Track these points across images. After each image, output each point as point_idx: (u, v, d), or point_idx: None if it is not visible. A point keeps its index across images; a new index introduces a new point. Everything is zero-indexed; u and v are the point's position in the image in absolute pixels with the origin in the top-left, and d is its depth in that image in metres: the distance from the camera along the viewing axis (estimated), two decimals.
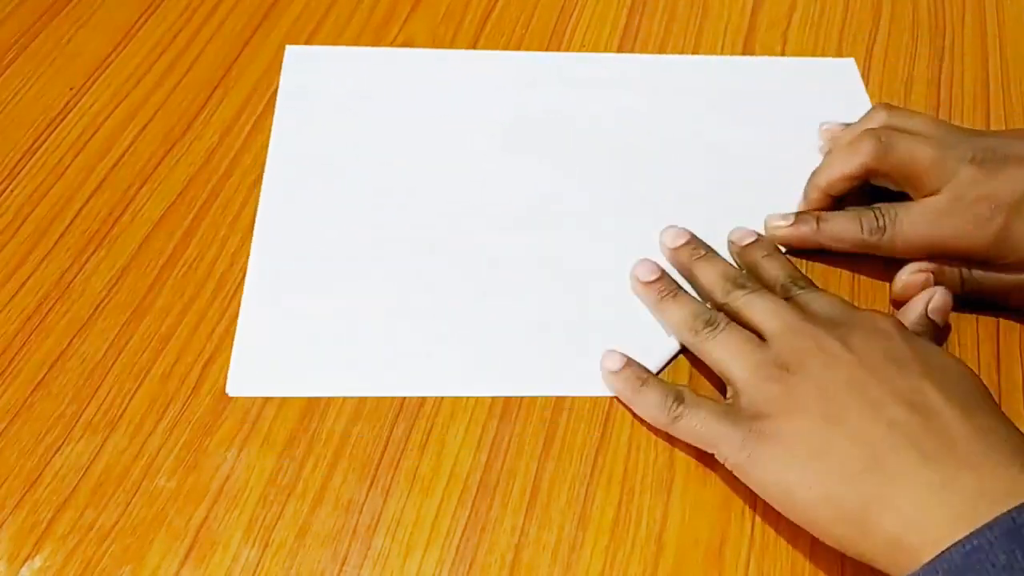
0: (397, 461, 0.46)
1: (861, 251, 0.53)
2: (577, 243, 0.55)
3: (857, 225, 0.52)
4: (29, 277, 0.53)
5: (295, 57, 0.64)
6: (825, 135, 0.58)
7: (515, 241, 0.55)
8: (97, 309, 0.51)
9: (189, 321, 0.51)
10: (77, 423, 0.47)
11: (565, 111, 0.61)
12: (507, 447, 0.47)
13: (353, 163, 0.58)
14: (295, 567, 0.43)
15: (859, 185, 0.54)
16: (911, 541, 0.37)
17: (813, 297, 0.49)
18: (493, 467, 0.46)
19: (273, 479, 0.46)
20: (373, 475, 0.46)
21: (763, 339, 0.46)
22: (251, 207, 0.56)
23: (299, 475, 0.46)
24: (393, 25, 0.67)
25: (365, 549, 0.44)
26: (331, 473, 0.46)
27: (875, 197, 0.54)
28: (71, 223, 0.55)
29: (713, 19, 0.68)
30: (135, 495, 0.45)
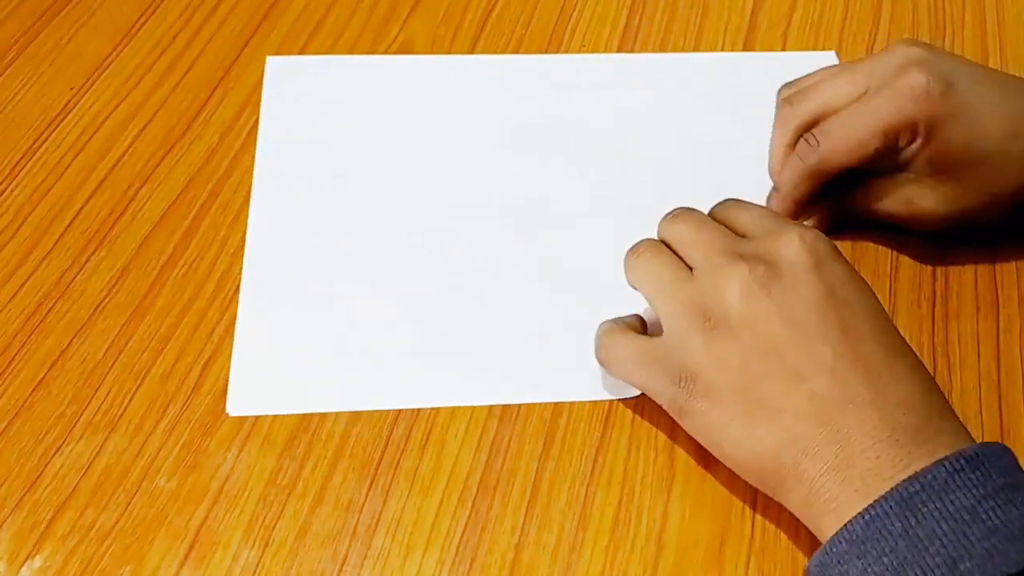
0: (397, 461, 0.46)
1: (813, 183, 0.52)
2: (577, 246, 0.55)
3: (796, 159, 0.52)
4: (29, 277, 0.53)
5: (276, 68, 0.63)
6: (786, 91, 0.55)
7: (512, 245, 0.55)
8: (97, 309, 0.51)
9: (189, 321, 0.51)
10: (77, 423, 0.47)
11: (559, 115, 0.61)
12: (507, 447, 0.47)
13: (343, 173, 0.58)
14: (295, 567, 0.43)
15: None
16: (816, 514, 0.40)
17: (738, 210, 0.48)
18: (493, 467, 0.46)
19: (273, 479, 0.46)
20: (373, 475, 0.46)
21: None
22: (251, 207, 0.56)
23: (299, 475, 0.46)
24: (393, 25, 0.67)
25: (365, 549, 0.44)
26: (331, 473, 0.46)
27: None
28: (71, 223, 0.55)
29: (713, 19, 0.68)
30: (135, 495, 0.45)
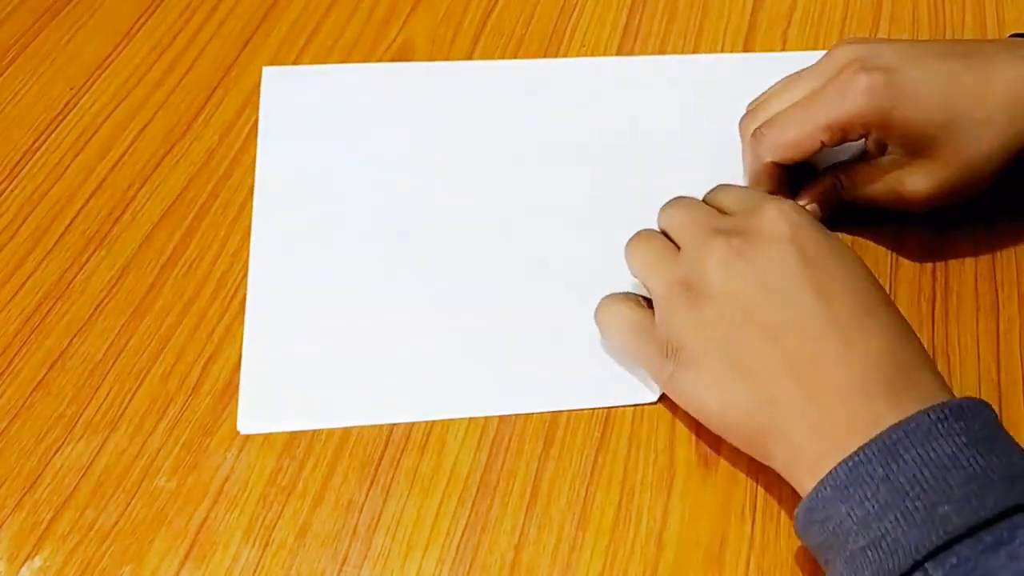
0: (397, 461, 0.46)
1: (772, 178, 0.53)
2: (578, 251, 0.54)
3: (753, 155, 0.53)
4: (29, 277, 0.53)
5: (272, 78, 0.63)
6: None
7: (514, 252, 0.54)
8: (97, 309, 0.52)
9: (189, 321, 0.51)
10: (77, 423, 0.47)
11: (558, 120, 0.61)
12: (507, 447, 0.47)
13: (343, 183, 0.57)
14: (295, 567, 0.43)
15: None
16: (797, 473, 0.41)
17: (725, 192, 0.51)
18: (493, 467, 0.46)
19: (273, 479, 0.46)
20: (373, 475, 0.46)
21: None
22: (251, 208, 0.56)
23: (299, 475, 0.46)
24: (393, 25, 0.67)
25: (365, 549, 0.44)
26: (331, 473, 0.46)
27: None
28: (71, 223, 0.55)
29: (713, 19, 0.67)
30: (135, 495, 0.45)
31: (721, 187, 0.52)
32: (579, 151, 0.59)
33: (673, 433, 0.47)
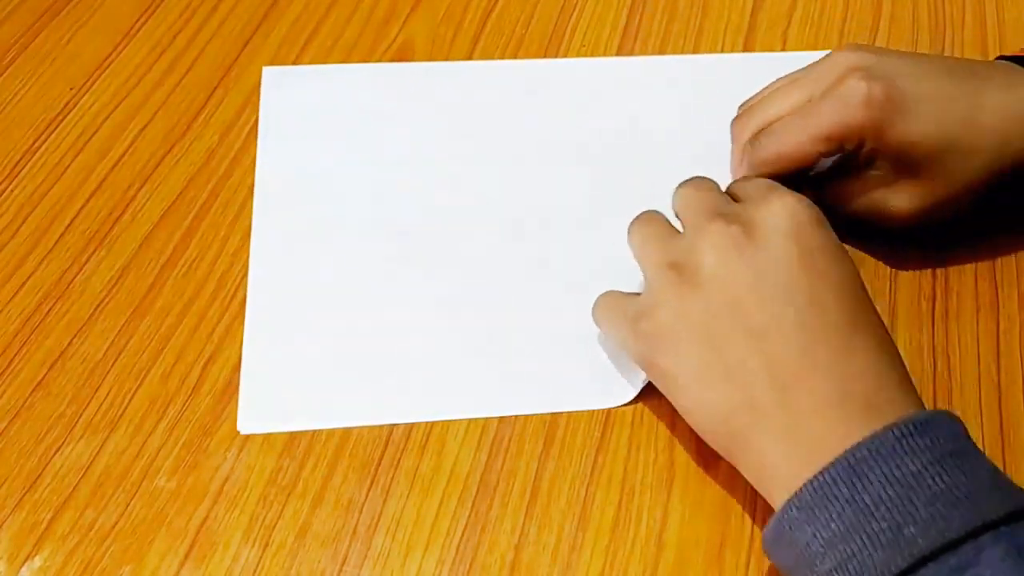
0: (397, 461, 0.46)
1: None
2: (579, 251, 0.54)
3: (747, 164, 0.52)
4: (29, 277, 0.53)
5: (272, 78, 0.63)
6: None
7: (515, 252, 0.54)
8: (97, 309, 0.52)
9: (189, 321, 0.51)
10: (77, 423, 0.47)
11: (558, 119, 0.61)
12: (507, 447, 0.47)
13: (343, 183, 0.57)
14: (295, 567, 0.43)
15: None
16: (766, 483, 0.41)
17: (747, 181, 0.49)
18: (493, 467, 0.46)
19: (273, 479, 0.46)
20: (373, 475, 0.46)
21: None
22: (251, 208, 0.56)
23: (299, 475, 0.46)
24: (393, 25, 0.67)
25: (365, 549, 0.44)
26: (331, 473, 0.46)
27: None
28: (71, 223, 0.55)
29: (713, 19, 0.68)
30: (135, 495, 0.45)
31: (745, 177, 0.50)
32: (579, 151, 0.59)
33: (673, 433, 0.47)
